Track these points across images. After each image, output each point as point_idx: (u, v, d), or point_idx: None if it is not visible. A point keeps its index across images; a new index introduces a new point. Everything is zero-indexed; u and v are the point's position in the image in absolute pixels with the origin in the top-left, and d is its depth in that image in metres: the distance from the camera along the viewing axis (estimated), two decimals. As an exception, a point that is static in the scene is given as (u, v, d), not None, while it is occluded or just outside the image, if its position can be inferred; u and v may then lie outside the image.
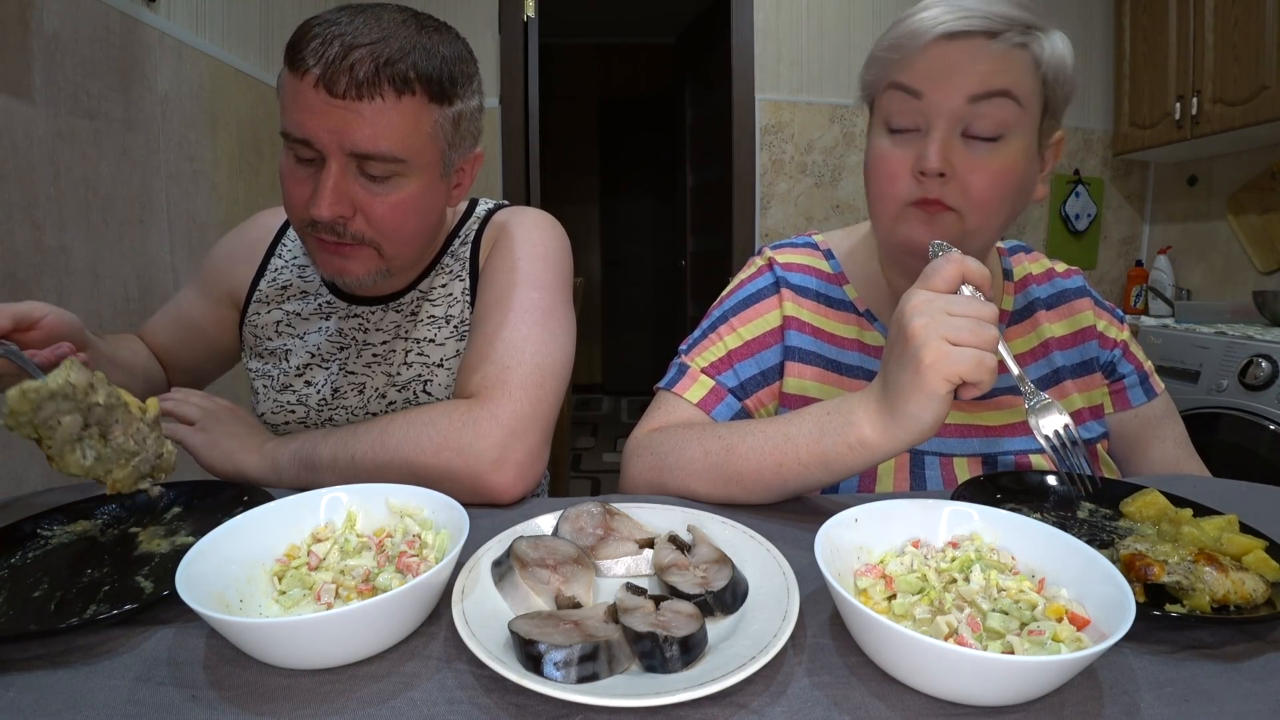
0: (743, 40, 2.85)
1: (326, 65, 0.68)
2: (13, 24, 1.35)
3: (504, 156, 2.82)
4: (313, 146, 0.71)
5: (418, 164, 0.74)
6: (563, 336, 0.82)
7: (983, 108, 0.67)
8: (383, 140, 0.70)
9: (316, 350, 0.89)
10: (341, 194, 0.72)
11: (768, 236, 2.92)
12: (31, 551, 0.56)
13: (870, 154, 0.75)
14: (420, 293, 0.89)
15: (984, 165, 0.68)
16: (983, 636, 0.41)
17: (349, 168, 0.72)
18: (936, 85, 0.68)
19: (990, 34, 0.67)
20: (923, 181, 0.69)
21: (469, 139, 0.81)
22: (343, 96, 0.68)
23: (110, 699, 0.39)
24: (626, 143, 5.33)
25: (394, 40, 0.70)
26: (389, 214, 0.75)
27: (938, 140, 0.68)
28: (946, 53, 0.68)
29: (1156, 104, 2.61)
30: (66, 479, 0.61)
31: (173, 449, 0.64)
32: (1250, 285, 2.55)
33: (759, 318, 0.84)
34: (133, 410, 0.61)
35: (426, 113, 0.73)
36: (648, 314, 5.44)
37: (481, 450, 0.69)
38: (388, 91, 0.70)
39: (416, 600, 0.43)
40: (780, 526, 0.62)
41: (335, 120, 0.69)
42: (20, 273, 1.37)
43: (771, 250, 0.89)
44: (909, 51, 0.70)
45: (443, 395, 0.85)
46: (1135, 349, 0.87)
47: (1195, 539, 0.52)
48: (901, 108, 0.70)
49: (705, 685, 0.37)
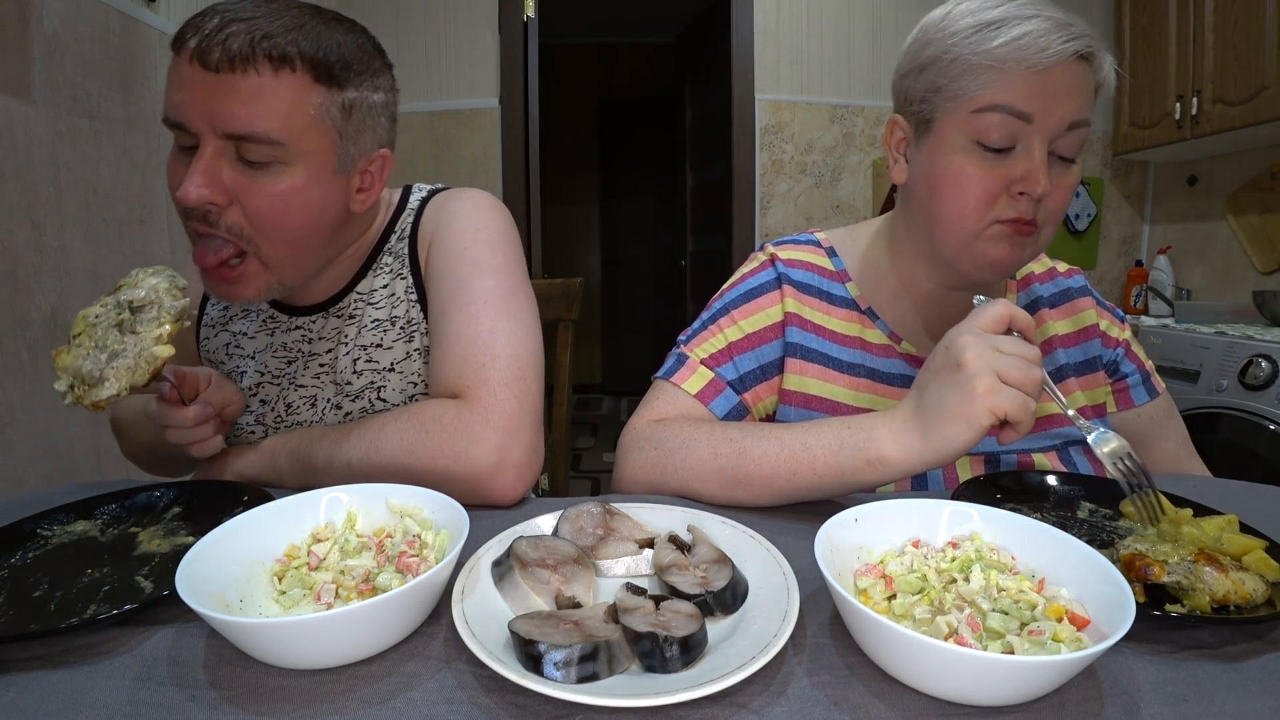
0: (743, 40, 2.85)
1: (202, 38, 0.64)
2: (13, 24, 1.35)
3: (504, 156, 2.82)
4: (188, 130, 0.66)
5: (300, 150, 0.69)
6: (529, 321, 0.79)
7: (1074, 134, 0.68)
8: (258, 119, 0.65)
9: (265, 368, 0.86)
10: (212, 176, 0.66)
11: (768, 236, 2.91)
12: (31, 551, 0.57)
13: (952, 168, 0.70)
14: (359, 295, 0.84)
15: (1064, 183, 0.69)
16: (983, 636, 0.41)
17: (225, 151, 0.67)
18: (1046, 109, 0.65)
19: (1087, 57, 0.66)
20: (1018, 200, 0.68)
21: (369, 134, 0.75)
22: (215, 69, 0.64)
23: (110, 699, 0.39)
24: (626, 143, 5.33)
25: (279, 19, 0.67)
26: (268, 206, 0.69)
27: (1043, 161, 0.67)
28: (1064, 74, 0.65)
29: (1156, 104, 2.61)
30: (66, 479, 0.61)
31: (106, 399, 0.62)
32: (1250, 285, 2.55)
33: (760, 311, 0.83)
34: (155, 335, 0.64)
35: (309, 93, 0.68)
36: (647, 314, 5.44)
37: (479, 455, 0.68)
38: (263, 66, 0.65)
39: (416, 600, 0.43)
40: (780, 526, 0.62)
41: (207, 96, 0.65)
42: (20, 273, 1.37)
43: (774, 246, 0.89)
44: (1020, 72, 0.65)
45: (397, 400, 0.82)
46: (1137, 348, 0.88)
47: (1195, 539, 0.52)
48: (1002, 128, 0.67)
49: (705, 685, 0.37)
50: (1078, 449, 0.79)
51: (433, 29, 2.80)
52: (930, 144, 0.72)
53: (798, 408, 0.80)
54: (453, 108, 2.81)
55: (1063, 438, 0.80)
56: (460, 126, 2.82)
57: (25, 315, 1.38)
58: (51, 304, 1.44)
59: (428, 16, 2.79)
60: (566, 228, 5.38)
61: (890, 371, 0.81)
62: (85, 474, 1.48)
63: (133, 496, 0.65)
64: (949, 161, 0.70)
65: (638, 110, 5.25)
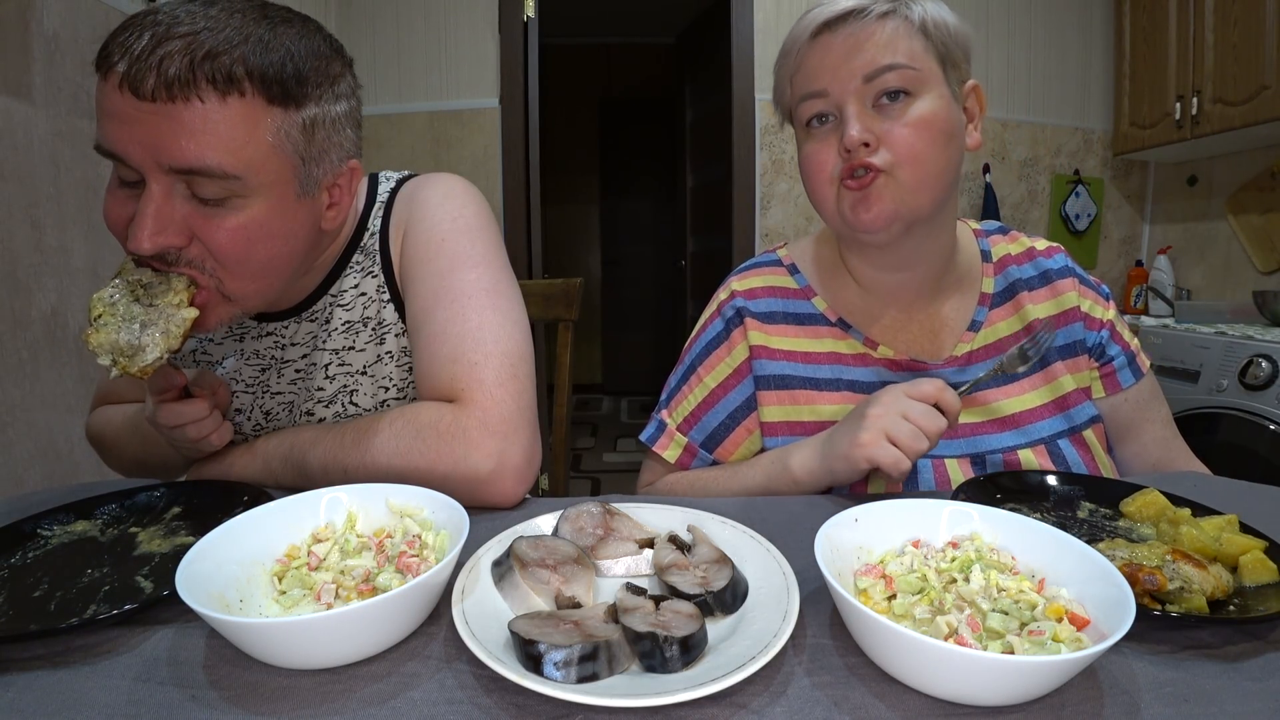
0: (743, 40, 2.85)
1: (132, 61, 0.55)
2: (13, 24, 1.35)
3: (504, 156, 2.82)
4: (127, 164, 0.59)
5: (259, 183, 0.62)
6: (516, 313, 0.76)
7: (880, 80, 0.71)
8: (208, 153, 0.58)
9: (237, 375, 0.82)
10: (165, 221, 0.59)
11: (768, 237, 2.92)
12: (31, 551, 0.56)
13: (801, 156, 0.79)
14: (331, 296, 0.80)
15: (900, 120, 0.72)
16: (983, 636, 0.41)
17: (174, 188, 0.60)
18: (833, 75, 0.73)
19: (859, 12, 0.72)
20: (848, 157, 0.72)
21: (334, 151, 0.68)
22: (151, 99, 0.56)
23: (110, 699, 0.39)
24: (626, 143, 5.32)
25: (221, 30, 0.58)
26: (228, 242, 0.62)
27: (853, 115, 0.72)
28: (830, 43, 0.73)
29: (1156, 104, 2.61)
30: (66, 479, 0.61)
31: (151, 363, 0.62)
32: (1250, 285, 2.55)
33: (720, 363, 0.87)
34: (173, 300, 0.63)
35: (264, 118, 0.60)
36: (648, 314, 5.44)
37: (478, 461, 0.66)
38: (206, 91, 0.57)
39: (416, 600, 0.43)
40: (780, 526, 0.62)
41: (145, 129, 0.57)
42: (20, 273, 1.37)
43: (735, 277, 0.91)
44: (798, 55, 0.76)
45: (369, 405, 0.80)
46: (1121, 327, 0.87)
47: (1194, 539, 0.52)
48: (812, 107, 0.75)
49: (705, 685, 0.37)
50: (1066, 440, 0.79)
51: (433, 29, 2.79)
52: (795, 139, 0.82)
53: (784, 437, 0.82)
54: (453, 108, 2.81)
55: (1038, 434, 0.79)
56: (460, 126, 2.82)
57: (25, 315, 1.38)
58: (51, 304, 1.44)
59: (428, 16, 2.79)
60: (566, 228, 5.38)
61: (869, 380, 0.82)
62: (85, 474, 1.48)
63: (133, 496, 0.65)
64: (801, 150, 0.79)
65: (638, 110, 5.25)
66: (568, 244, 5.42)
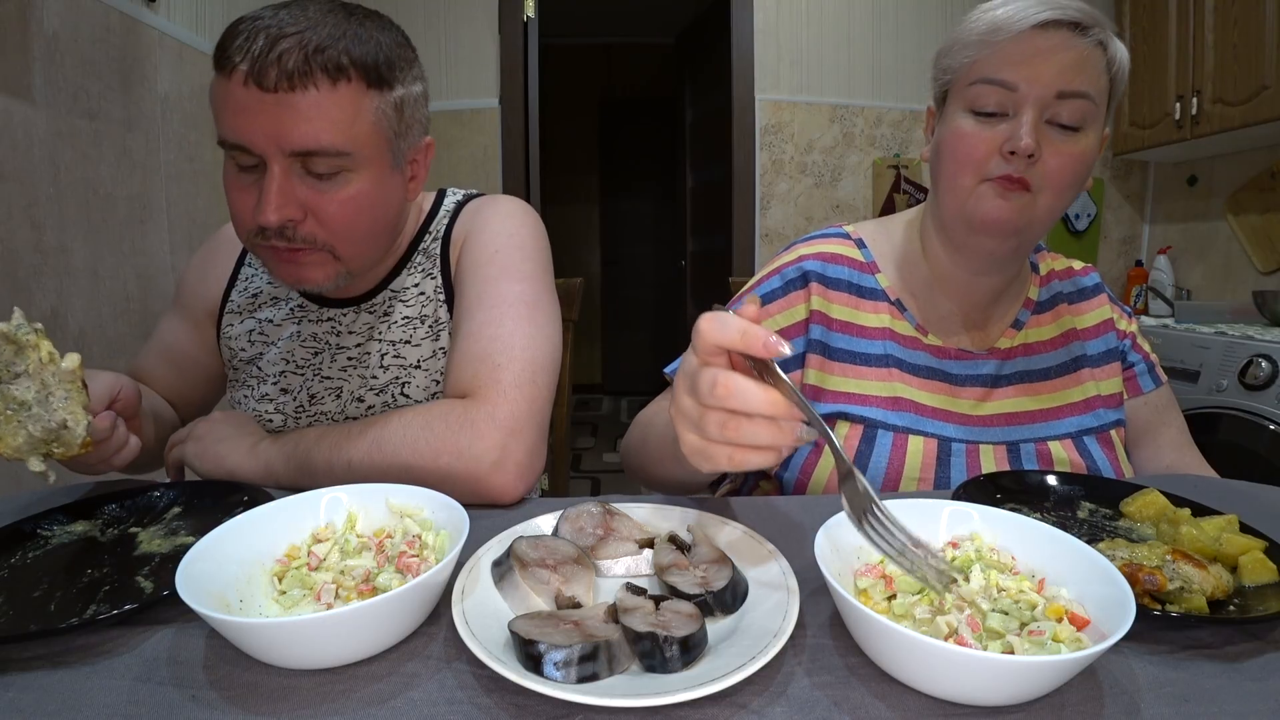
0: (743, 40, 2.85)
1: (254, 60, 0.64)
2: (13, 24, 1.35)
3: (504, 156, 2.82)
4: (251, 151, 0.68)
5: (364, 156, 0.71)
6: (549, 328, 0.81)
7: (1068, 103, 0.71)
8: (323, 134, 0.67)
9: (290, 356, 0.87)
10: (287, 196, 0.69)
11: (767, 237, 2.92)
12: (31, 551, 0.57)
13: (950, 133, 0.76)
14: (392, 292, 0.87)
15: (1065, 150, 0.72)
16: (983, 636, 0.41)
17: (292, 168, 0.69)
18: (1029, 76, 0.71)
19: (1078, 27, 0.71)
20: (1010, 160, 0.72)
21: (416, 127, 0.78)
22: (274, 89, 0.65)
23: (110, 699, 0.39)
24: (626, 143, 5.33)
25: (322, 28, 0.67)
26: (340, 212, 0.72)
27: (1029, 123, 0.71)
28: (1038, 42, 0.71)
29: (1156, 104, 2.61)
30: (67, 478, 0.61)
31: (84, 428, 0.60)
32: (1250, 285, 2.55)
33: (789, 308, 0.86)
34: (43, 357, 0.58)
35: (366, 100, 0.70)
36: (648, 314, 5.44)
37: (480, 453, 0.68)
38: (321, 80, 0.66)
39: (416, 600, 0.43)
40: (780, 526, 0.62)
41: (269, 118, 0.66)
42: (20, 273, 1.37)
43: (802, 244, 0.91)
44: (998, 44, 0.72)
45: (421, 397, 0.83)
46: (1142, 341, 0.92)
47: (1194, 539, 0.52)
48: (990, 94, 0.73)
49: (705, 685, 0.37)
50: (1093, 438, 0.82)
51: (433, 29, 2.80)
52: (942, 118, 0.80)
53: (823, 404, 0.82)
54: (453, 108, 2.81)
55: (1066, 429, 0.82)
56: (460, 126, 2.83)
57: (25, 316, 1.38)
58: (51, 304, 1.44)
59: (428, 16, 2.79)
60: (566, 228, 5.37)
61: (916, 363, 0.84)
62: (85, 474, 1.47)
63: (133, 496, 0.65)
64: (951, 127, 0.77)
65: (638, 110, 5.25)
66: (568, 244, 5.42)
